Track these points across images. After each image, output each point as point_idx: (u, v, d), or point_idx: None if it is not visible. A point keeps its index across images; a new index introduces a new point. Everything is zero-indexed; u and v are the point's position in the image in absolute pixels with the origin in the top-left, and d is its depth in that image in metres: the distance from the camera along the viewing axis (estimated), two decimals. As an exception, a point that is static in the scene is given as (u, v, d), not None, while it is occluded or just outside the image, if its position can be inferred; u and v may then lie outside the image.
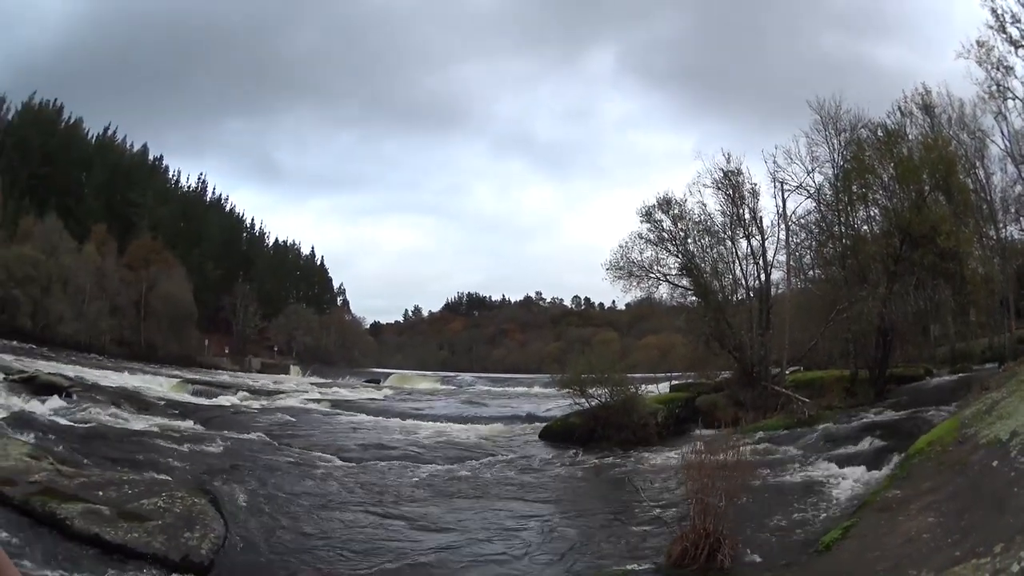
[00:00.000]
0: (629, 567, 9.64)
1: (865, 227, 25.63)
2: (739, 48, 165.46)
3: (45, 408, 20.42)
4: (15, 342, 50.25)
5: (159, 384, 36.88)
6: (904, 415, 17.45)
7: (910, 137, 24.92)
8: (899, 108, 26.00)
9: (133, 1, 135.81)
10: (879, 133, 24.61)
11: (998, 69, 23.34)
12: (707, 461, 9.99)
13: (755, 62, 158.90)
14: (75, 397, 23.78)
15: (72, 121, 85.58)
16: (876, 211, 25.16)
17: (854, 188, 24.75)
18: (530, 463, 18.70)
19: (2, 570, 1.82)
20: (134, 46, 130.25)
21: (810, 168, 25.32)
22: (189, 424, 23.03)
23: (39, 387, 23.91)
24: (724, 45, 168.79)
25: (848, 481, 12.82)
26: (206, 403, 31.41)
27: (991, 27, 22.89)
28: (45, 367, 32.97)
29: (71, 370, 34.52)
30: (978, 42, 23.18)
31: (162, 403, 27.69)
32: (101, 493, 10.91)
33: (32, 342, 53.07)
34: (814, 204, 25.74)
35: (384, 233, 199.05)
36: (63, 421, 18.62)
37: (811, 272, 28.52)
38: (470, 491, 15.23)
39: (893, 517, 8.93)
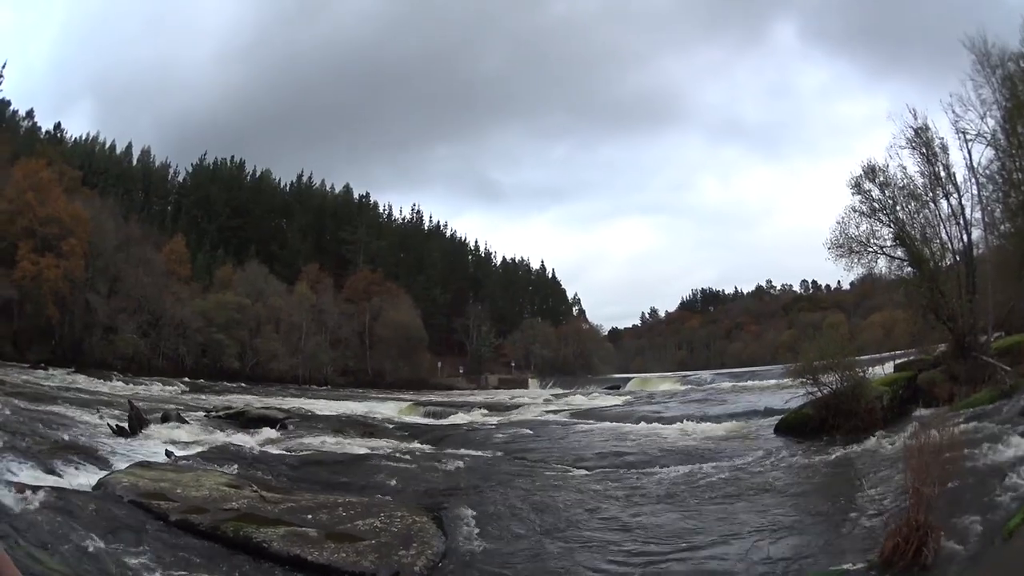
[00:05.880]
0: (844, 566, 9.90)
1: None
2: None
3: (254, 440, 22.27)
4: (223, 382, 58.21)
5: (387, 408, 39.57)
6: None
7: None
8: (1024, 36, 25.54)
9: (293, 63, 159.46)
10: (1021, 64, 24.99)
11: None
12: (922, 447, 10.25)
13: (910, 8, 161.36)
14: (291, 427, 26.15)
15: (259, 173, 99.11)
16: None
17: (1019, 128, 24.98)
18: (761, 460, 19.33)
19: (2, 570, 1.97)
20: (310, 99, 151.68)
21: (982, 112, 25.73)
22: (419, 445, 24.33)
23: (249, 421, 26.32)
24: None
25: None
26: (439, 423, 33.47)
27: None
28: (258, 402, 36.77)
29: (289, 403, 38.22)
30: None
31: (390, 426, 29.79)
32: (310, 516, 11.67)
33: (241, 381, 61.38)
34: (993, 152, 26.13)
35: (615, 238, 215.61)
36: (275, 451, 20.42)
37: (1003, 227, 28.18)
38: (701, 494, 15.88)
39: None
